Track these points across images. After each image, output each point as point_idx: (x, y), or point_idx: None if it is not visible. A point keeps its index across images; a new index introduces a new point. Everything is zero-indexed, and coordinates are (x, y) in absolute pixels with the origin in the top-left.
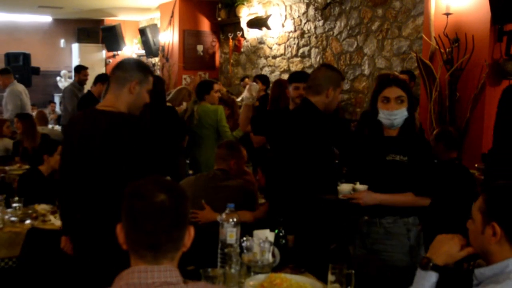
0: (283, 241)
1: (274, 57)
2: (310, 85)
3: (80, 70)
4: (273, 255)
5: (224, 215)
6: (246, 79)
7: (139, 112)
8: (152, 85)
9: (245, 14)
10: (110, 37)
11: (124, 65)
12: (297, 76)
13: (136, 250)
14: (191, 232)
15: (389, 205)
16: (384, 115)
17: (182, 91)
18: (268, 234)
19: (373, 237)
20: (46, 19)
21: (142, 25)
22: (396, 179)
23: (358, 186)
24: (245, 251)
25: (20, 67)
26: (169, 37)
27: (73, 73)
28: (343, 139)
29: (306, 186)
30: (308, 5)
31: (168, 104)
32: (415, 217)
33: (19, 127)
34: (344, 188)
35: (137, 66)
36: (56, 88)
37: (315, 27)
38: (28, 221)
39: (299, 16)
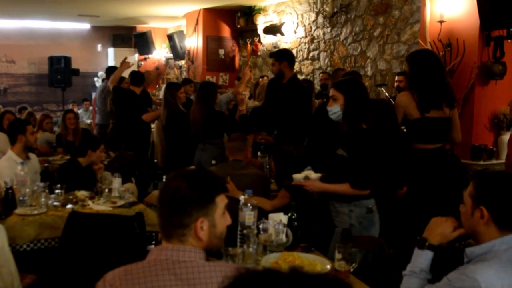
0: (295, 223)
1: None
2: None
3: (113, 71)
4: (287, 236)
5: (243, 200)
6: (260, 79)
7: None
8: None
9: (261, 22)
10: (142, 42)
11: None
12: None
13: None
14: (204, 226)
15: (331, 192)
16: None
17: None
18: (282, 217)
19: (333, 215)
20: (84, 26)
21: (170, 31)
22: (338, 171)
23: (312, 175)
24: (261, 232)
25: (62, 68)
26: (194, 42)
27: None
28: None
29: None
30: (317, 14)
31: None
32: (361, 202)
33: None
34: (297, 176)
35: None
36: (94, 87)
37: (324, 33)
38: (69, 206)
39: (309, 24)
